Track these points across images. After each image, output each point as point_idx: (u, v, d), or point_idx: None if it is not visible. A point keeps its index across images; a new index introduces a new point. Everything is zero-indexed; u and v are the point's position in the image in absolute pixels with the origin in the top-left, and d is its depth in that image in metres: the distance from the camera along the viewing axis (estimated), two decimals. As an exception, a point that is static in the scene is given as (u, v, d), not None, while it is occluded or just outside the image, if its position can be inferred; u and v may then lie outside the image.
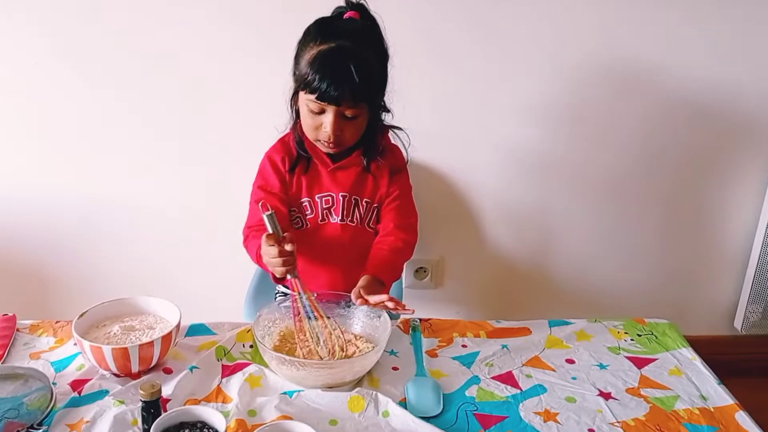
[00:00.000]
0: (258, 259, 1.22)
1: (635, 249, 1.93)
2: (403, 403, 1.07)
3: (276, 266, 1.11)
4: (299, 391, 1.08)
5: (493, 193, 1.80)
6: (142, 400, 0.96)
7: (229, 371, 1.14)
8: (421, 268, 1.89)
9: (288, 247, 1.10)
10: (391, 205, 1.37)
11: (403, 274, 1.69)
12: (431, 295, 1.92)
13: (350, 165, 1.34)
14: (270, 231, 1.09)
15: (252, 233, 1.28)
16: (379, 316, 1.19)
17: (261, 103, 1.57)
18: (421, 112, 1.55)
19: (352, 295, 1.18)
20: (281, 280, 1.19)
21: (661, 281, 1.98)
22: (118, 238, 1.82)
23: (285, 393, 1.07)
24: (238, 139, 1.72)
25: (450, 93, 1.71)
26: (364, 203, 1.36)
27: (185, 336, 1.25)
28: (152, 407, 0.97)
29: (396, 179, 1.38)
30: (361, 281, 1.22)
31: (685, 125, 1.81)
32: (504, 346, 1.24)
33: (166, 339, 1.12)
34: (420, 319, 1.32)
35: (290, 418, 1.01)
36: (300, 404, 1.05)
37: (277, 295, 1.51)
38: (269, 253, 1.10)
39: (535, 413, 1.06)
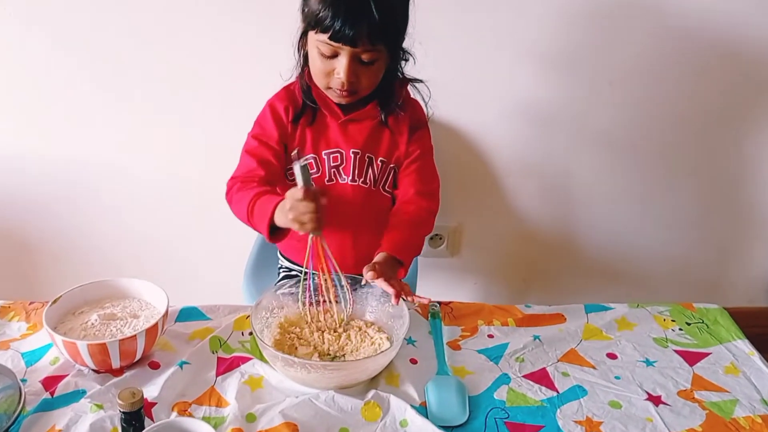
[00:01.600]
0: (249, 214, 1.06)
1: (668, 216, 1.76)
2: (423, 408, 0.93)
3: (308, 222, 0.94)
4: (306, 395, 0.94)
5: (516, 154, 1.66)
6: (122, 411, 0.82)
7: (225, 366, 1.00)
8: (437, 235, 1.74)
9: (323, 201, 0.94)
10: (410, 167, 1.20)
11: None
12: (447, 264, 1.78)
13: (364, 118, 1.17)
14: (302, 184, 0.93)
15: (238, 185, 1.11)
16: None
17: (259, 61, 1.41)
18: (439, 62, 1.36)
19: (365, 271, 1.02)
20: (276, 240, 1.04)
21: (696, 250, 1.82)
22: (105, 207, 1.66)
23: (290, 397, 0.94)
24: (235, 100, 1.52)
25: (473, 41, 1.51)
26: (378, 163, 1.19)
27: (175, 322, 1.11)
28: (133, 419, 0.83)
29: (416, 137, 1.20)
30: (377, 258, 1.06)
31: (723, 82, 1.60)
32: (536, 337, 1.09)
33: (152, 331, 0.97)
34: (439, 303, 1.17)
35: (296, 427, 0.87)
36: (307, 409, 0.92)
37: (281, 270, 1.36)
38: (302, 208, 0.93)
39: (576, 422, 0.92)
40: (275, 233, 1.03)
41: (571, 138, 1.64)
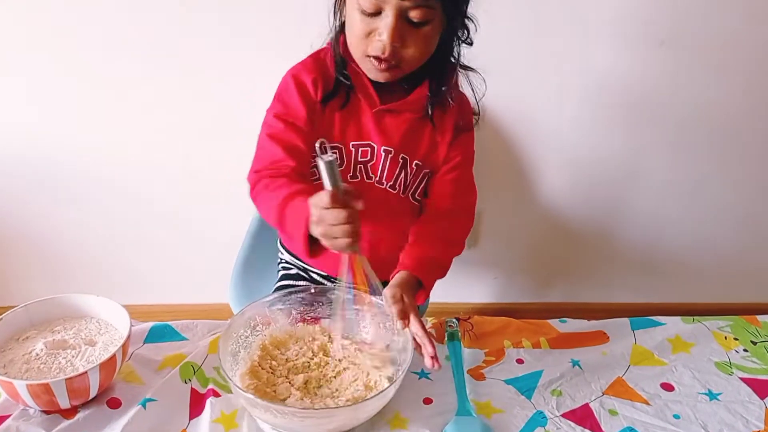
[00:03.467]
0: (280, 223, 0.86)
1: (719, 210, 1.58)
2: (442, 462, 0.75)
3: (340, 236, 0.74)
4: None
5: (546, 135, 1.49)
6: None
7: (200, 403, 0.83)
8: (452, 224, 1.55)
9: (359, 206, 0.74)
10: (448, 175, 1.01)
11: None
12: (465, 256, 1.57)
13: (404, 109, 0.97)
14: (329, 186, 0.74)
15: (265, 181, 0.91)
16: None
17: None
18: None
19: (388, 300, 0.84)
20: (317, 254, 0.82)
21: (749, 248, 1.63)
22: (84, 199, 1.49)
23: None
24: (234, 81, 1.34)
25: (501, 10, 1.30)
26: (413, 166, 1.00)
27: (144, 343, 0.93)
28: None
29: (460, 141, 1.02)
30: (397, 279, 0.88)
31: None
32: (575, 363, 0.92)
33: (108, 365, 0.80)
34: (458, 319, 0.99)
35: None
36: None
37: (280, 266, 1.17)
38: (331, 218, 0.74)
39: (630, 478, 0.74)
40: (316, 246, 0.81)
41: (612, 120, 1.47)
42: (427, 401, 0.85)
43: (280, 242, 1.17)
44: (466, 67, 0.98)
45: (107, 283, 1.48)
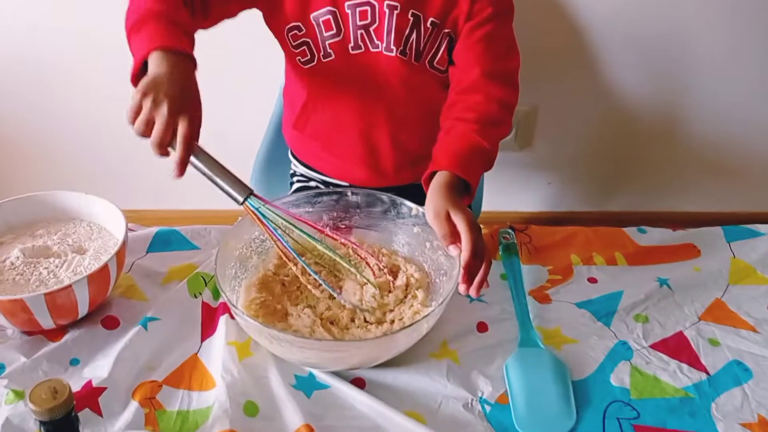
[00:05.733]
0: (129, 33, 0.68)
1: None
2: (502, 409, 0.61)
3: (152, 136, 0.59)
4: (321, 385, 0.63)
5: (610, 13, 1.25)
6: (38, 419, 0.52)
7: (214, 320, 0.71)
8: (503, 123, 1.38)
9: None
10: (476, 33, 0.79)
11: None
12: (514, 160, 1.46)
13: None
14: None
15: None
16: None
17: None
18: None
19: (431, 222, 0.67)
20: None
21: None
22: (79, 86, 1.31)
23: (297, 377, 0.64)
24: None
25: None
26: (428, 25, 0.80)
27: (147, 252, 0.80)
28: (59, 429, 0.53)
29: None
30: (434, 187, 0.70)
31: None
32: (662, 282, 0.75)
33: (99, 279, 0.66)
34: (513, 228, 0.82)
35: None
36: (326, 402, 0.62)
37: (294, 179, 1.00)
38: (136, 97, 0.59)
39: (742, 425, 0.60)
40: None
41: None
42: (482, 328, 0.70)
43: (292, 153, 1.00)
44: None
45: (107, 185, 1.32)
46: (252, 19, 0.82)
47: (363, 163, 0.89)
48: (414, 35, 0.80)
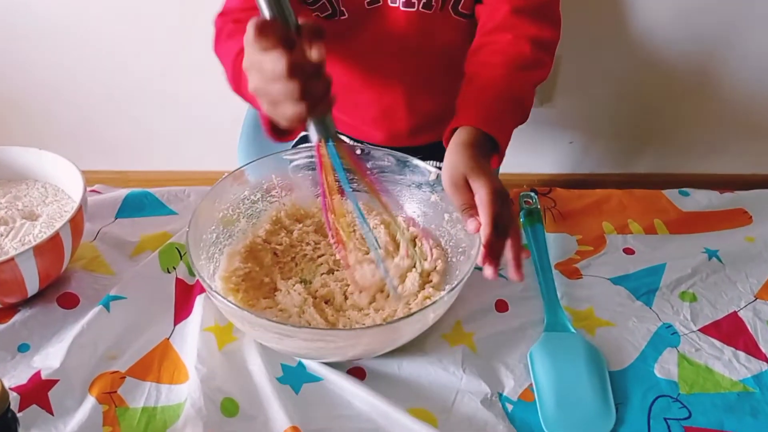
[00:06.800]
0: (235, 77, 0.61)
1: None
2: (526, 407, 0.52)
3: (282, 101, 0.47)
4: (312, 377, 0.53)
5: None
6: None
7: (189, 300, 0.61)
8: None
9: (314, 55, 0.46)
10: None
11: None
12: (533, 115, 1.31)
13: None
14: (267, 16, 0.46)
15: (229, 27, 0.66)
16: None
17: None
18: None
19: (447, 189, 0.56)
20: (285, 136, 0.57)
21: None
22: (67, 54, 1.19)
23: (284, 367, 0.55)
24: None
25: None
26: None
27: (115, 218, 0.70)
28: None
29: None
30: (454, 145, 0.58)
31: None
32: (711, 254, 0.65)
33: (50, 250, 0.57)
34: (535, 191, 0.72)
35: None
36: (318, 399, 0.52)
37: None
38: (264, 67, 0.46)
39: (814, 427, 0.50)
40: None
41: None
42: (502, 307, 0.60)
43: None
44: None
45: (73, 145, 1.21)
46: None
47: (376, 125, 0.81)
48: None
